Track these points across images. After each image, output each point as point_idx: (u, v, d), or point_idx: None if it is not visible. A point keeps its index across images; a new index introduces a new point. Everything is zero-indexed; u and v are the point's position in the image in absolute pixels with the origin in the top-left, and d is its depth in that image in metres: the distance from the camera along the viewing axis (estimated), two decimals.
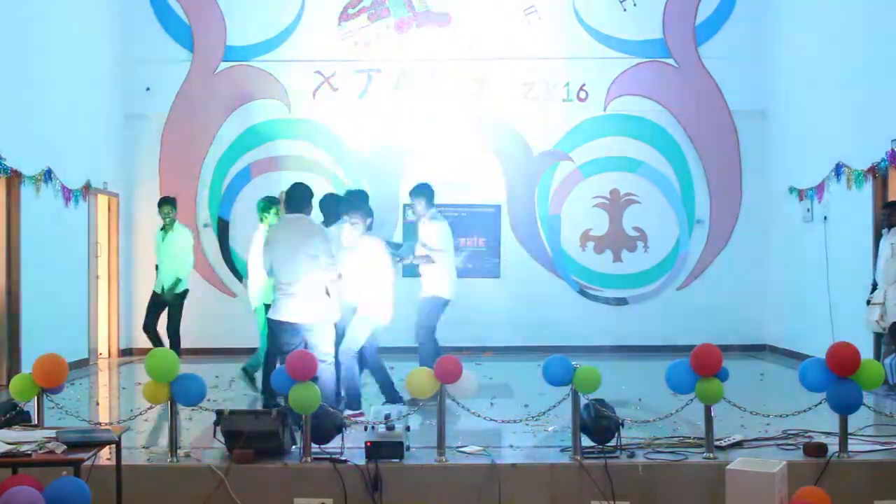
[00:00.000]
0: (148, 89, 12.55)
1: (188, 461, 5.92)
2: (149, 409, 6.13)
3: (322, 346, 7.08)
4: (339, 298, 7.69)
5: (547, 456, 6.14)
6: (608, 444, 6.04)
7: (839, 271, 10.33)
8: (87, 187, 11.30)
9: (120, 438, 5.12)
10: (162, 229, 9.95)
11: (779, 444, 6.29)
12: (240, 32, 12.67)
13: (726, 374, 6.02)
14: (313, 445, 5.93)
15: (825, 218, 10.81)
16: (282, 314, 7.08)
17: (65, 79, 10.78)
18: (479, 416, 6.18)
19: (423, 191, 8.81)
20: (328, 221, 8.37)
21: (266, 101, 12.70)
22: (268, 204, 8.77)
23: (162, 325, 9.93)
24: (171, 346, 9.47)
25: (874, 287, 8.98)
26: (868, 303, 9.00)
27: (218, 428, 6.00)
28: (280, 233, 7.27)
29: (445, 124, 12.66)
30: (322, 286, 7.13)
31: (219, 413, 6.03)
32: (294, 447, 6.08)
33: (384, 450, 5.84)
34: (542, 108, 12.72)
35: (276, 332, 7.27)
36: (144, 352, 8.11)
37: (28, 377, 5.88)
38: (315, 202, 7.61)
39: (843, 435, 5.99)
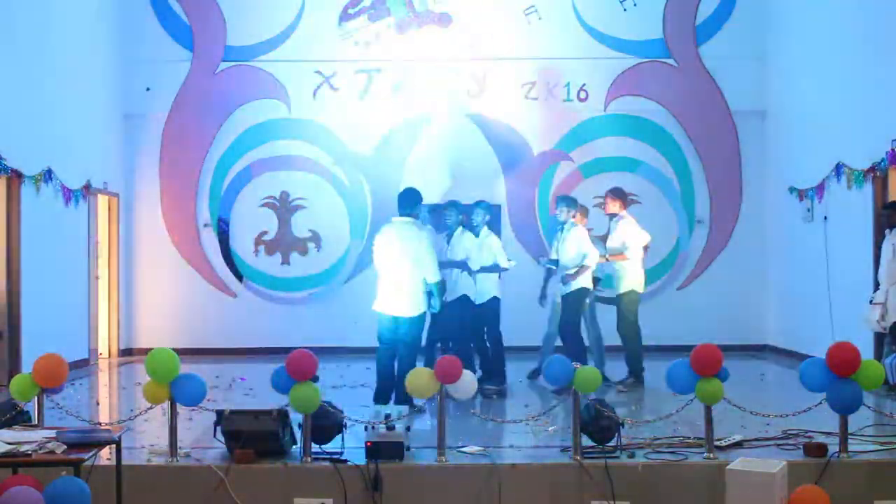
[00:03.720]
0: (148, 89, 12.55)
1: (188, 461, 5.92)
2: (149, 409, 6.13)
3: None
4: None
5: (547, 456, 6.13)
6: (608, 444, 6.04)
7: (839, 271, 10.33)
8: (87, 187, 11.30)
9: (120, 438, 5.11)
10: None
11: (779, 444, 6.28)
12: (240, 32, 12.66)
13: (726, 374, 6.02)
14: (313, 445, 5.93)
15: (825, 218, 10.80)
16: (385, 308, 8.00)
17: (65, 79, 10.78)
18: (479, 415, 6.17)
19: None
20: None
21: (266, 101, 12.69)
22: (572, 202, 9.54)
23: None
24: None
25: (876, 286, 8.97)
26: (870, 302, 8.99)
27: (218, 428, 6.00)
28: (387, 234, 8.09)
29: (446, 124, 12.66)
30: (419, 284, 7.94)
31: (219, 413, 6.04)
32: (294, 447, 6.08)
33: (384, 450, 5.84)
34: (542, 108, 12.71)
35: (379, 323, 8.09)
36: (144, 352, 8.10)
37: (28, 377, 5.88)
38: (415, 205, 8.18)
39: (843, 435, 5.98)
